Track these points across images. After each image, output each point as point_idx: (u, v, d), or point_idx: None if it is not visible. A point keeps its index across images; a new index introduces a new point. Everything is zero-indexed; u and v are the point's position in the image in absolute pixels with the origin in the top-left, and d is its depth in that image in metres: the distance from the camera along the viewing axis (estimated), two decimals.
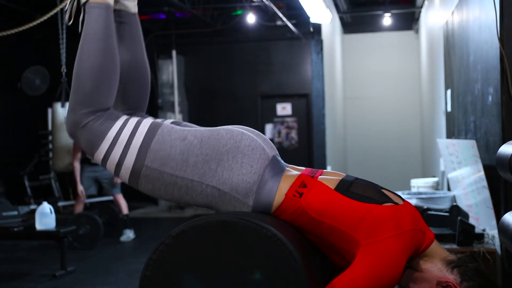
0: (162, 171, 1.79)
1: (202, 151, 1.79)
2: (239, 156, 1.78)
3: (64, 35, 7.80)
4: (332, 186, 1.79)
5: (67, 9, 1.94)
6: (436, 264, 1.78)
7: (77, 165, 6.73)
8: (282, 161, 1.91)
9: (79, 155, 6.76)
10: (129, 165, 1.81)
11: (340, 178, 1.83)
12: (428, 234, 1.80)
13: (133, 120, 1.85)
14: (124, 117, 1.87)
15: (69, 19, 1.94)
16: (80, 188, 6.72)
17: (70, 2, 1.94)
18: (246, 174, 1.77)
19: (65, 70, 7.88)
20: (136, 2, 2.04)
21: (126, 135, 1.82)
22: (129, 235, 6.93)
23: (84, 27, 1.88)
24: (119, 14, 1.98)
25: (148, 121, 1.86)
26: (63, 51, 7.85)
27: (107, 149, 1.82)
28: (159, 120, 1.92)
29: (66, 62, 7.90)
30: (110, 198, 9.09)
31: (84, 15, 1.90)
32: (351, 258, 1.74)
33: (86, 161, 6.85)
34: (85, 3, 1.90)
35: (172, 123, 1.94)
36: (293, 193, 1.78)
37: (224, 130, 1.83)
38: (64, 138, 7.62)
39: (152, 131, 1.82)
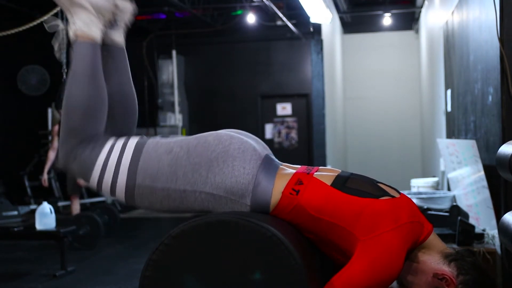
0: (154, 186, 1.81)
1: (190, 161, 1.80)
2: (230, 160, 1.79)
3: (65, 36, 7.79)
4: (328, 182, 1.79)
5: (54, 42, 1.98)
6: (434, 256, 1.78)
7: (51, 156, 6.83)
8: (276, 160, 1.92)
9: (55, 144, 6.88)
10: (122, 187, 1.84)
11: (336, 174, 1.84)
12: (426, 225, 1.80)
13: (119, 143, 1.88)
14: (110, 142, 1.89)
15: (58, 50, 1.98)
16: (45, 176, 6.99)
17: (58, 36, 2.03)
18: (239, 176, 1.77)
19: (65, 70, 7.88)
20: (122, 36, 2.06)
21: (114, 159, 1.85)
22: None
23: (72, 64, 1.93)
24: (107, 48, 2.01)
25: (133, 141, 1.88)
26: (63, 51, 7.85)
27: (99, 176, 1.85)
28: (144, 138, 1.93)
29: (67, 63, 7.91)
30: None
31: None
32: (350, 254, 1.74)
33: None
34: (72, 39, 1.94)
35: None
36: (289, 190, 1.78)
37: (211, 137, 1.84)
38: None
39: (138, 150, 1.85)
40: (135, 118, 2.09)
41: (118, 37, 2.03)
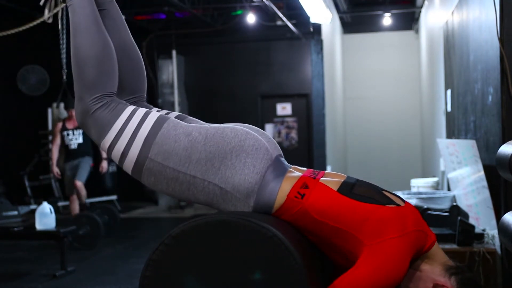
0: (165, 165, 1.80)
1: (206, 148, 1.80)
2: (243, 155, 1.79)
3: (64, 36, 7.80)
4: (335, 187, 1.80)
5: (45, 7, 1.98)
6: (436, 267, 1.80)
7: (55, 151, 6.84)
8: (285, 162, 1.92)
9: (58, 141, 6.87)
10: (133, 156, 1.83)
11: (342, 180, 1.84)
12: (430, 235, 1.82)
13: (141, 111, 1.87)
14: (131, 107, 1.88)
15: (49, 16, 1.99)
16: (55, 169, 6.92)
17: (49, 0, 1.98)
18: (248, 174, 1.78)
19: (66, 71, 7.88)
20: None
21: (132, 126, 1.83)
22: None
23: (71, 20, 1.92)
24: (97, 3, 2.01)
25: (155, 114, 1.88)
26: (63, 51, 7.86)
27: (113, 138, 1.84)
28: (164, 113, 1.93)
29: (67, 63, 7.91)
30: (110, 198, 9.12)
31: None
32: (353, 258, 1.75)
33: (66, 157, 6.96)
34: None
35: (177, 117, 1.96)
36: (295, 194, 1.78)
37: (229, 129, 1.84)
38: None
39: (158, 124, 1.84)
40: (143, 73, 2.07)
41: None
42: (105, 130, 1.84)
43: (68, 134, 6.99)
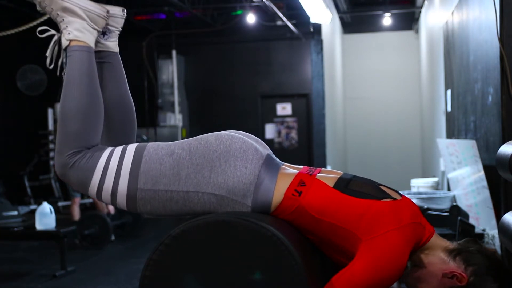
0: (156, 190, 1.79)
1: (192, 162, 1.79)
2: (232, 160, 1.78)
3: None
4: (331, 184, 1.79)
5: (47, 54, 1.99)
6: (438, 255, 1.78)
7: None
8: (277, 159, 1.91)
9: None
10: (123, 192, 1.82)
11: (338, 176, 1.83)
12: (427, 227, 1.80)
13: (119, 149, 1.87)
14: (109, 149, 1.88)
15: (50, 63, 1.99)
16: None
17: (51, 47, 1.98)
18: (241, 176, 1.77)
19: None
20: (117, 42, 2.06)
21: (114, 164, 1.82)
22: None
23: (66, 70, 1.91)
24: (101, 55, 2.01)
25: (132, 146, 1.87)
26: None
27: (99, 182, 1.83)
28: (144, 142, 1.92)
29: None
30: None
31: (64, 58, 1.96)
32: (352, 255, 1.74)
33: None
34: (66, 47, 1.92)
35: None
36: (292, 192, 1.78)
37: (212, 137, 1.83)
38: None
39: (138, 153, 1.83)
40: (133, 127, 2.07)
41: (112, 44, 2.03)
42: (89, 177, 1.83)
43: None
